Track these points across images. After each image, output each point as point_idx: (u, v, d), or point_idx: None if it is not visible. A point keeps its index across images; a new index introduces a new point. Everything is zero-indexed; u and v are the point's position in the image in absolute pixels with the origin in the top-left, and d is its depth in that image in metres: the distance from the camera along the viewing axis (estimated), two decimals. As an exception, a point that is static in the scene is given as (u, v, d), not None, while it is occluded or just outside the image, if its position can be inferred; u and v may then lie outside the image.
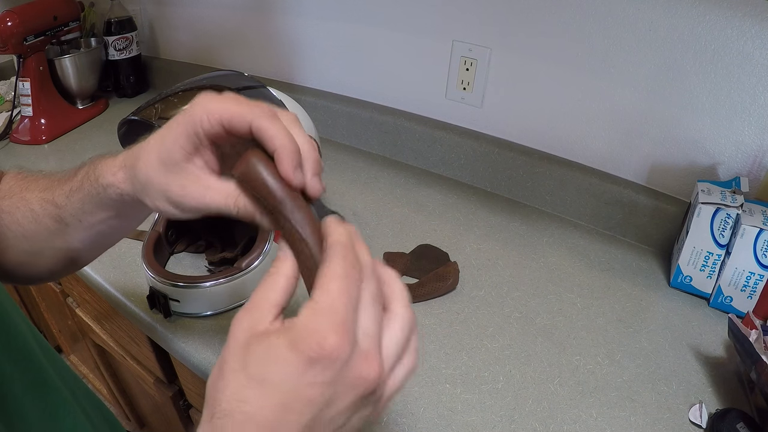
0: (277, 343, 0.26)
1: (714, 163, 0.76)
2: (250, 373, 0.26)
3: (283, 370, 0.25)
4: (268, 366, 0.26)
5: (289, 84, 1.20)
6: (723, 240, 0.68)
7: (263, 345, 0.26)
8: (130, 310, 0.71)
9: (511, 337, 0.67)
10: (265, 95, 0.68)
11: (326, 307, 0.26)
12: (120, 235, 0.46)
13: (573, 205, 0.89)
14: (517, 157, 0.92)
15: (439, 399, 0.58)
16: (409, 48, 0.99)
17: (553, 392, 0.59)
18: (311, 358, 0.25)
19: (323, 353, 0.25)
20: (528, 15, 0.83)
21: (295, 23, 1.12)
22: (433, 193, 0.96)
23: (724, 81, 0.71)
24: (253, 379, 0.26)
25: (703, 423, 0.55)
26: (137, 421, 1.36)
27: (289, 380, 0.25)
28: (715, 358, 0.64)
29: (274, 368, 0.26)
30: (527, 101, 0.90)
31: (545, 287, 0.75)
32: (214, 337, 0.65)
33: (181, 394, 0.88)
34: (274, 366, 0.26)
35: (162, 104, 0.62)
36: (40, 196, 0.43)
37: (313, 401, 0.26)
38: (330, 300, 0.26)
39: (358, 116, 1.08)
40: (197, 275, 0.67)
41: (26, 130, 1.16)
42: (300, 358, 0.25)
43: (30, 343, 0.39)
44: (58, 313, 1.32)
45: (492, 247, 0.83)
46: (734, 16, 0.67)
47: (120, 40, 1.30)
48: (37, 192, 0.43)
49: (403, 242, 0.82)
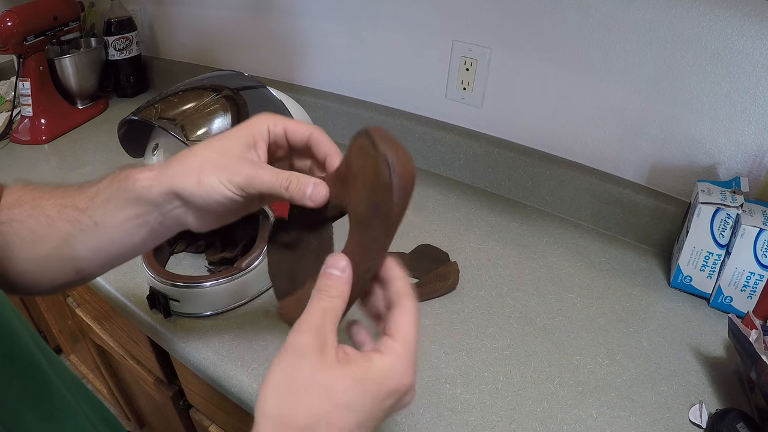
0: (364, 376, 0.32)
1: (714, 163, 0.76)
2: (338, 401, 0.31)
3: (368, 400, 0.31)
4: (355, 395, 0.31)
5: (289, 84, 1.20)
6: (723, 240, 0.68)
7: (347, 376, 0.31)
8: (130, 310, 0.71)
9: (511, 337, 0.67)
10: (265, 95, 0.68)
11: (406, 354, 0.33)
12: (130, 249, 0.44)
13: (573, 205, 0.89)
14: (517, 157, 0.92)
15: (439, 399, 0.58)
16: (409, 48, 0.99)
17: (553, 392, 0.59)
18: (390, 393, 0.32)
19: (402, 389, 0.33)
20: (528, 15, 0.84)
21: (295, 23, 1.12)
22: (433, 193, 0.96)
23: (724, 81, 0.71)
24: (340, 406, 0.31)
25: (703, 423, 0.55)
26: (137, 421, 1.36)
27: (372, 406, 0.32)
28: (715, 358, 0.64)
29: (361, 398, 0.31)
30: (527, 101, 0.90)
31: (545, 287, 0.75)
32: (214, 337, 0.65)
33: (181, 394, 0.88)
34: (360, 396, 0.31)
35: (162, 104, 0.62)
36: (59, 202, 0.43)
37: (379, 418, 0.33)
38: (408, 345, 0.34)
39: (358, 116, 1.08)
40: (197, 275, 0.67)
41: (26, 130, 1.16)
42: (384, 391, 0.32)
43: (30, 346, 0.39)
44: (58, 313, 1.32)
45: (492, 247, 0.83)
46: (734, 16, 0.67)
47: (120, 40, 1.30)
48: (54, 199, 0.43)
49: (403, 242, 0.82)
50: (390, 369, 0.32)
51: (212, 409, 0.79)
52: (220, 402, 0.73)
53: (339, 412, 0.30)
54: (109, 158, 1.09)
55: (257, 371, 0.61)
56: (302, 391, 0.30)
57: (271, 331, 0.66)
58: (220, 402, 0.73)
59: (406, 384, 0.32)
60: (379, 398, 0.31)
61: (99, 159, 1.09)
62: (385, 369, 0.32)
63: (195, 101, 0.62)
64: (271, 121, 0.39)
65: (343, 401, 0.30)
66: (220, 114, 0.62)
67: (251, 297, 0.71)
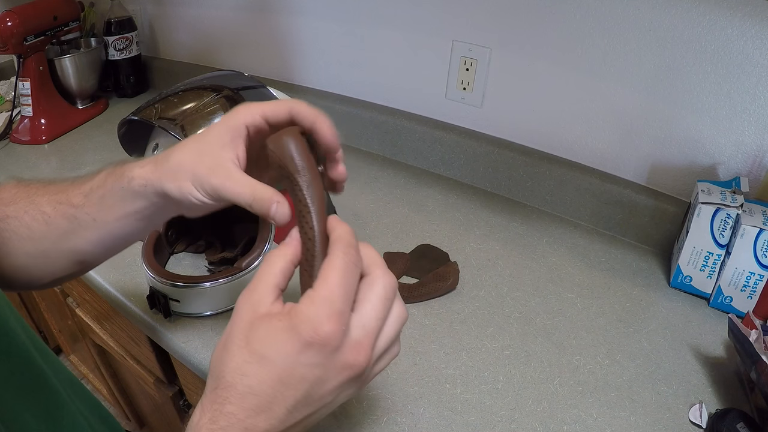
0: (278, 325, 0.30)
1: (714, 163, 0.76)
2: (252, 350, 0.30)
3: (281, 350, 0.29)
4: (269, 345, 0.30)
5: (289, 84, 1.20)
6: (723, 240, 0.68)
7: (264, 325, 0.30)
8: (130, 310, 0.71)
9: (511, 337, 0.67)
10: (265, 95, 0.68)
11: (324, 297, 0.30)
12: (130, 238, 0.46)
13: (573, 205, 0.89)
14: (517, 157, 0.92)
15: (439, 399, 0.58)
16: (409, 48, 0.99)
17: (553, 392, 0.59)
18: (307, 342, 0.29)
19: (317, 339, 0.29)
20: (528, 15, 0.84)
21: (295, 23, 1.12)
22: (433, 193, 0.96)
23: (724, 81, 0.71)
24: (255, 355, 0.30)
25: (703, 423, 0.55)
26: (137, 421, 1.36)
27: (287, 359, 0.29)
28: (715, 358, 0.64)
29: (274, 347, 0.29)
30: (527, 101, 0.90)
31: (545, 287, 0.75)
32: (214, 337, 0.65)
33: (181, 394, 0.88)
34: (273, 345, 0.29)
35: (162, 104, 0.62)
36: (53, 198, 0.43)
37: (305, 379, 0.30)
38: (328, 291, 0.30)
39: (358, 116, 1.08)
40: (197, 275, 0.67)
41: (26, 130, 1.16)
42: (297, 341, 0.29)
43: (26, 344, 0.39)
44: (58, 313, 1.32)
45: (492, 247, 0.83)
46: (734, 16, 0.67)
47: (120, 40, 1.30)
48: (49, 195, 0.44)
49: (403, 242, 0.82)
50: (304, 316, 0.29)
51: (212, 409, 0.79)
52: (220, 402, 0.73)
53: (253, 362, 0.29)
54: (109, 158, 1.08)
55: (257, 371, 0.61)
56: (228, 345, 0.31)
57: (271, 331, 0.66)
58: (220, 402, 0.73)
59: (323, 332, 0.29)
60: (294, 350, 0.29)
61: (99, 159, 1.09)
62: (299, 316, 0.29)
63: (195, 101, 0.62)
64: (248, 114, 0.38)
65: (257, 351, 0.30)
66: (220, 114, 0.62)
67: (251, 297, 0.71)
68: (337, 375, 0.30)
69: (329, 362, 0.30)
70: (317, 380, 0.30)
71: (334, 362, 0.30)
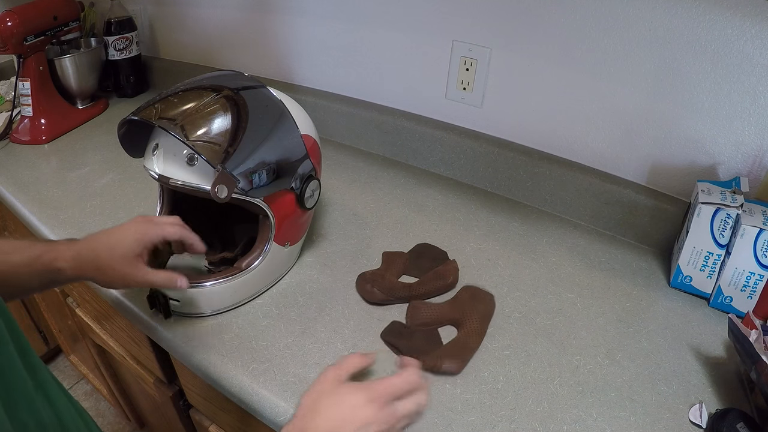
0: (349, 394, 0.45)
1: (714, 163, 0.76)
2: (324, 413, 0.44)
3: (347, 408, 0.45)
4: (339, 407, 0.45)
5: (289, 84, 1.20)
6: (723, 240, 0.68)
7: (338, 395, 0.45)
8: (130, 310, 0.71)
9: (511, 337, 0.67)
10: (265, 95, 0.68)
11: (361, 393, 0.45)
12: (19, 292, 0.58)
13: (573, 205, 0.89)
14: (517, 157, 0.92)
15: (439, 399, 0.58)
16: (409, 48, 0.99)
17: (553, 392, 0.59)
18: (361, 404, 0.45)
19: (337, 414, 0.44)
20: (528, 15, 0.84)
21: (295, 23, 1.12)
22: (433, 193, 0.96)
23: (724, 81, 0.71)
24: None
25: (703, 423, 0.55)
26: (137, 421, 1.36)
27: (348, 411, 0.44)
28: (715, 358, 0.64)
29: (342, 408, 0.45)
30: (527, 101, 0.90)
31: (545, 287, 0.75)
32: (214, 337, 0.66)
33: (181, 394, 0.88)
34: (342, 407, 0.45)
35: (162, 104, 0.62)
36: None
37: (355, 423, 0.44)
38: (367, 392, 0.45)
39: (358, 116, 1.08)
40: (197, 275, 0.67)
41: (26, 130, 1.16)
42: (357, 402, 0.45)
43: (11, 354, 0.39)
44: (58, 313, 1.32)
45: (492, 247, 0.83)
46: (734, 16, 0.67)
47: (120, 40, 1.30)
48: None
49: (403, 242, 0.82)
50: (345, 395, 0.45)
51: (212, 409, 0.79)
52: (220, 402, 0.73)
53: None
54: (109, 158, 1.09)
55: (257, 371, 0.61)
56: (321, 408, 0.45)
57: (271, 331, 0.66)
58: (220, 402, 0.73)
59: (340, 412, 0.44)
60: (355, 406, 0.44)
61: (99, 159, 1.09)
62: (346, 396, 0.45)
63: (195, 101, 0.62)
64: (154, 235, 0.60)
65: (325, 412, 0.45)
66: (220, 114, 0.62)
67: (251, 297, 0.71)
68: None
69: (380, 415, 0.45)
70: (363, 425, 0.44)
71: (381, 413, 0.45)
